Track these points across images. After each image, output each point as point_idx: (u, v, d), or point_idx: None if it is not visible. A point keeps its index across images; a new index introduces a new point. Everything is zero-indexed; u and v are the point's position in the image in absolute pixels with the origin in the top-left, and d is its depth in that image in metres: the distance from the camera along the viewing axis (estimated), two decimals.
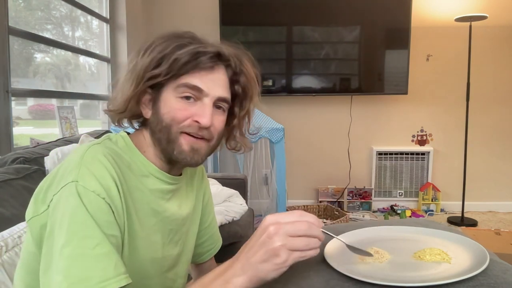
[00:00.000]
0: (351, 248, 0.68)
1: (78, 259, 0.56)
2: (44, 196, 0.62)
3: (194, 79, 0.68)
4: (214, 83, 0.70)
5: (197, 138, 0.70)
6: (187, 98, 0.68)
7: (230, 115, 0.77)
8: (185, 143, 0.70)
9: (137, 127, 0.77)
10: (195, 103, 0.69)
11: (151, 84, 0.68)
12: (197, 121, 0.69)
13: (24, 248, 0.68)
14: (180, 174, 0.79)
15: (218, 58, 0.70)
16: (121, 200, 0.64)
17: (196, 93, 0.69)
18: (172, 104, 0.69)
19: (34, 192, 0.65)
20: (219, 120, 0.73)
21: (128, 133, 0.76)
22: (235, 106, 0.76)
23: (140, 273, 0.70)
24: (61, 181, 0.61)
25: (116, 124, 0.75)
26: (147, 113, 0.72)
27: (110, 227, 0.61)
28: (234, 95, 0.75)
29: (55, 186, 0.62)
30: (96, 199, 0.60)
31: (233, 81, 0.74)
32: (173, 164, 0.75)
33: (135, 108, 0.71)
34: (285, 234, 0.57)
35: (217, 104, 0.71)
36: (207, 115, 0.68)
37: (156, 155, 0.73)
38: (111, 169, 0.64)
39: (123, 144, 0.72)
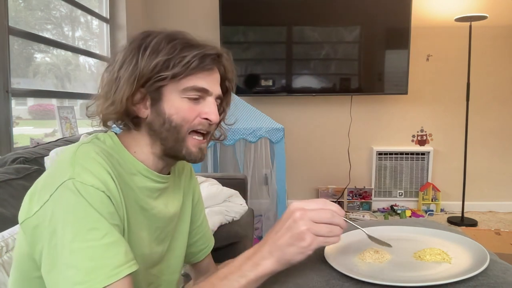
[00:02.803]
0: (372, 238, 0.70)
1: (89, 251, 0.58)
2: (38, 198, 0.62)
3: (200, 81, 0.72)
4: (214, 83, 0.75)
5: (202, 136, 0.74)
6: (195, 99, 0.72)
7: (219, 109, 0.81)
8: (192, 145, 0.74)
9: (121, 127, 0.77)
10: (198, 102, 0.73)
11: (157, 86, 0.70)
12: (206, 119, 0.73)
13: (16, 250, 0.68)
14: (169, 173, 0.81)
15: (217, 59, 0.74)
16: (119, 192, 0.66)
17: (202, 94, 0.73)
18: (178, 105, 0.71)
19: (27, 195, 0.65)
20: None
21: (115, 133, 0.76)
22: (223, 101, 0.81)
23: None
24: (56, 180, 0.61)
25: (103, 125, 0.75)
26: (143, 112, 0.72)
27: (113, 217, 0.63)
28: (223, 90, 0.79)
29: (50, 186, 0.62)
30: (96, 192, 0.61)
31: (223, 78, 0.79)
32: (169, 162, 0.77)
33: (130, 108, 0.71)
34: (310, 219, 0.60)
35: (215, 101, 0.76)
36: (215, 112, 0.74)
37: (150, 153, 0.75)
38: (105, 165, 0.65)
39: (111, 143, 0.73)
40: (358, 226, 0.71)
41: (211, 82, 0.73)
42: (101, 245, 0.59)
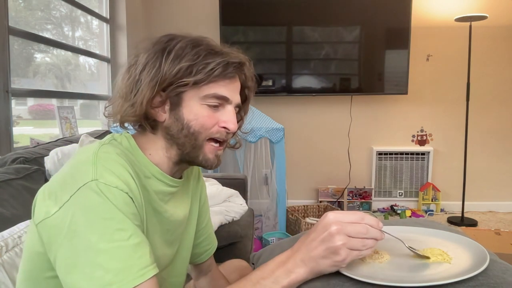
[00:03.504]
0: (412, 249, 0.69)
1: (115, 251, 0.58)
2: (56, 198, 0.61)
3: (221, 89, 0.71)
4: (235, 91, 0.75)
5: (219, 143, 0.74)
6: (214, 106, 0.72)
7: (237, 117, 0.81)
8: (209, 151, 0.74)
9: (136, 128, 0.77)
10: (218, 109, 0.73)
11: (178, 91, 0.70)
12: (225, 127, 0.73)
13: (27, 249, 0.67)
14: (181, 177, 0.80)
15: (239, 67, 0.74)
16: (140, 194, 0.66)
17: (222, 102, 0.73)
18: (198, 111, 0.71)
19: (41, 195, 0.64)
20: None
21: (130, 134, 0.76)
22: (241, 109, 0.81)
23: None
24: (77, 181, 0.61)
25: (120, 125, 0.75)
26: (161, 116, 0.72)
27: (136, 219, 0.63)
28: (242, 99, 0.79)
29: (70, 186, 0.61)
30: (120, 193, 0.61)
31: (244, 86, 0.78)
32: (183, 166, 0.77)
33: (149, 111, 0.71)
34: (346, 234, 0.60)
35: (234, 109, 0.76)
36: (234, 122, 0.73)
37: (165, 157, 0.74)
38: (127, 166, 0.65)
39: (127, 144, 0.73)
40: (398, 238, 0.70)
41: (232, 90, 0.73)
42: (128, 245, 0.59)
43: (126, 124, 0.75)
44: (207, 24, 3.39)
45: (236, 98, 0.75)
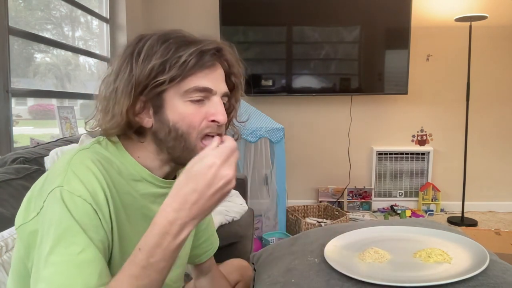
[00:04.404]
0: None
1: (63, 266, 0.55)
2: (35, 203, 0.62)
3: (202, 80, 0.66)
4: (218, 80, 0.69)
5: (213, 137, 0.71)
6: (198, 101, 0.67)
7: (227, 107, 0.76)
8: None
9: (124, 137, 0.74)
10: (203, 103, 0.68)
11: (157, 92, 0.65)
12: (214, 120, 0.68)
13: (14, 254, 0.68)
14: (174, 177, 0.78)
15: (218, 54, 0.69)
16: (108, 206, 0.63)
17: (206, 94, 0.67)
18: (182, 110, 0.66)
19: (25, 198, 0.65)
20: None
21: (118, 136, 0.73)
22: (231, 97, 0.76)
23: None
24: (49, 187, 0.60)
25: (107, 137, 0.71)
26: (148, 122, 0.68)
27: (96, 231, 0.60)
28: (230, 87, 0.74)
29: (44, 192, 0.61)
30: (82, 203, 0.59)
31: (228, 73, 0.73)
32: (176, 167, 0.74)
33: (133, 119, 0.67)
34: (235, 171, 0.60)
35: (222, 99, 0.71)
36: (222, 112, 0.68)
37: (157, 160, 0.72)
38: (99, 175, 0.62)
39: (113, 149, 0.70)
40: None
41: (214, 79, 0.68)
42: (76, 261, 0.56)
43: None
44: (207, 24, 3.39)
45: (220, 87, 0.69)
